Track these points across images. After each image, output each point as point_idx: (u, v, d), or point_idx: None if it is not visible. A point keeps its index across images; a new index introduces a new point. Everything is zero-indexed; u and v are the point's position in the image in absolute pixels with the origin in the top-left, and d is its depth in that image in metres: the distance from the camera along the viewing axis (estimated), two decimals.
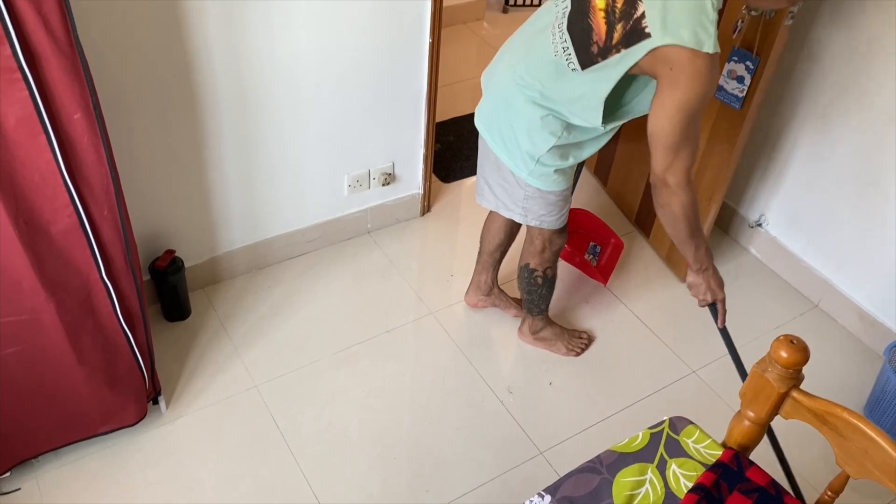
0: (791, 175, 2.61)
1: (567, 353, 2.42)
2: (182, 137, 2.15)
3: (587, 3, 1.68)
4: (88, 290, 1.75)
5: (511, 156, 1.95)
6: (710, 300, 1.95)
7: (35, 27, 1.37)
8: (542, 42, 1.79)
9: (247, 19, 2.03)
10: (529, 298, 2.32)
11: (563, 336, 2.42)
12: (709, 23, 1.56)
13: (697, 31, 1.55)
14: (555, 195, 2.00)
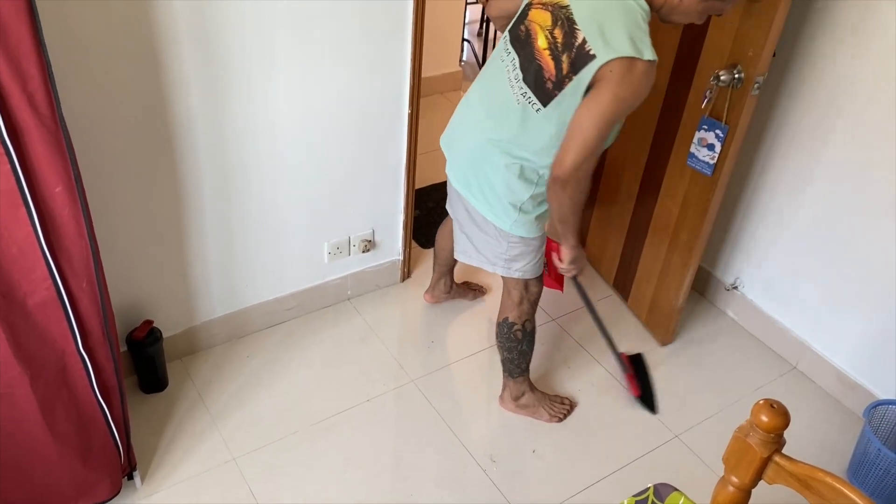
0: (764, 238, 2.66)
1: (550, 419, 2.41)
2: (162, 207, 2.16)
3: (531, 47, 1.81)
4: (64, 363, 1.73)
5: (493, 209, 2.01)
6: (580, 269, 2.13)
7: (20, 103, 1.39)
8: (501, 95, 1.89)
9: (229, 90, 2.07)
10: (510, 357, 2.32)
11: (544, 402, 2.41)
12: (643, 33, 1.71)
13: (636, 42, 1.68)
14: (537, 240, 2.09)
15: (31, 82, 1.39)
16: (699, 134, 2.27)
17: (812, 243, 2.51)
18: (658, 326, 2.72)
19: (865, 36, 2.17)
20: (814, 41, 2.30)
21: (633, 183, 2.67)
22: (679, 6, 1.78)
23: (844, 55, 2.24)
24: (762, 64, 2.07)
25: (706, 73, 2.22)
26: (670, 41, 2.35)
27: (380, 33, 2.24)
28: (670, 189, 2.49)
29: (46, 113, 1.44)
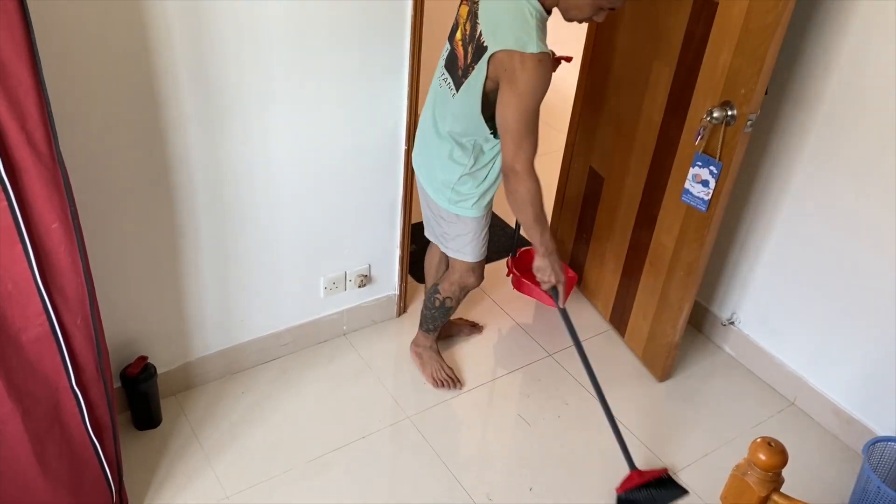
0: (760, 274, 2.67)
1: (428, 378, 2.60)
2: (158, 242, 2.16)
3: (453, 39, 2.05)
4: (57, 399, 1.72)
5: (434, 188, 2.22)
6: (555, 282, 2.16)
7: (19, 141, 1.40)
8: (435, 84, 2.15)
9: (227, 127, 2.09)
10: (425, 313, 2.57)
11: (434, 363, 2.62)
12: (530, 29, 1.84)
13: (520, 37, 1.84)
14: (473, 221, 2.22)
15: (30, 121, 1.40)
16: (693, 170, 2.29)
17: (808, 279, 2.51)
18: (655, 362, 2.71)
19: (856, 74, 2.20)
20: (805, 79, 2.33)
21: (629, 218, 2.69)
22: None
23: (836, 93, 2.27)
24: (754, 102, 2.10)
25: (699, 110, 2.24)
26: (664, 78, 2.39)
27: (377, 72, 2.27)
28: (666, 224, 2.50)
29: (45, 151, 1.45)
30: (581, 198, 2.98)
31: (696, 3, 2.21)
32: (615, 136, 2.70)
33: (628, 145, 2.61)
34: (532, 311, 2.99)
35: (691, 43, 2.26)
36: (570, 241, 3.12)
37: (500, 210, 3.36)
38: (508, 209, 2.07)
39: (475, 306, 2.97)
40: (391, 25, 2.22)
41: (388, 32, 2.23)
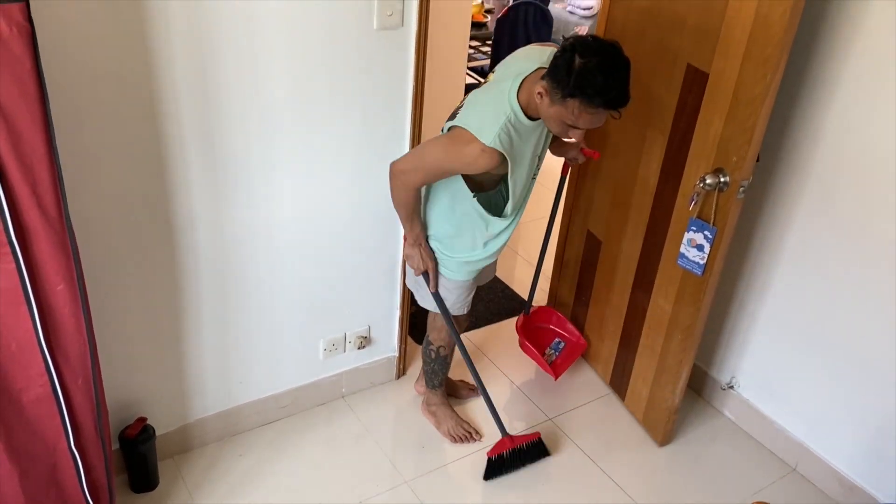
0: (758, 337, 2.68)
1: (446, 435, 2.63)
2: (160, 304, 2.19)
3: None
4: (55, 460, 1.72)
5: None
6: (424, 269, 2.29)
7: (29, 205, 1.45)
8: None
9: (230, 192, 2.14)
10: (425, 369, 2.64)
11: (450, 420, 2.65)
12: (494, 124, 1.93)
13: (482, 126, 1.93)
14: (455, 283, 2.34)
15: (41, 185, 1.46)
16: (688, 235, 2.33)
17: (806, 343, 2.52)
18: (655, 426, 2.70)
19: (844, 142, 2.26)
20: (796, 147, 2.39)
21: (627, 281, 2.72)
22: (540, 106, 1.92)
23: (825, 160, 2.32)
24: (746, 169, 2.15)
25: (693, 176, 2.30)
26: (658, 145, 2.45)
27: (378, 138, 2.34)
28: (663, 288, 2.53)
29: (54, 214, 1.50)
30: (580, 261, 3.02)
31: (687, 74, 2.29)
32: (612, 200, 2.75)
33: (625, 210, 2.66)
34: (532, 374, 2.99)
35: (684, 112, 2.33)
36: (569, 303, 3.14)
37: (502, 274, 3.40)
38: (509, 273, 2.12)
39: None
40: (393, 94, 2.29)
41: (389, 101, 2.30)
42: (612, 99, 1.81)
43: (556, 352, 2.92)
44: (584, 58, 1.78)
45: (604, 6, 2.64)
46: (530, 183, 2.22)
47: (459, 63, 4.01)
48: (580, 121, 1.86)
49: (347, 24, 2.08)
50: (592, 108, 1.82)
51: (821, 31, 2.23)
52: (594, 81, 1.77)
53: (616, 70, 1.79)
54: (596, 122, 1.88)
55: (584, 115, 1.84)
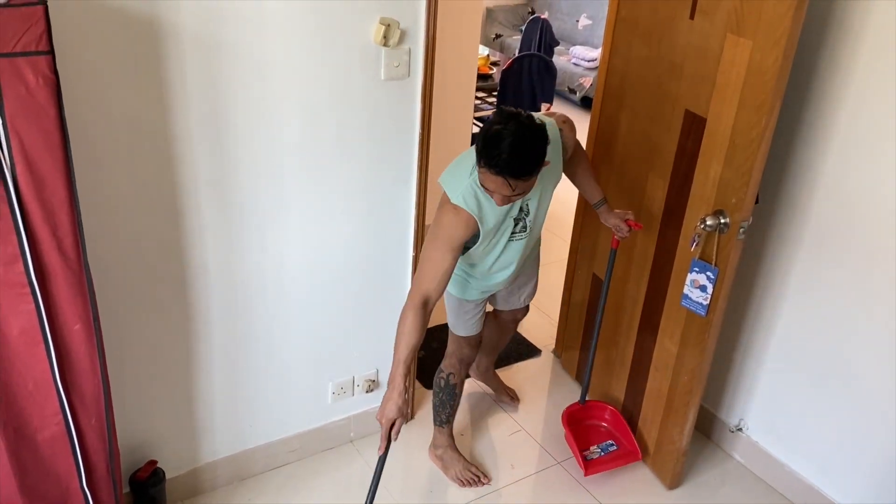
0: (764, 379, 2.69)
1: (454, 479, 2.64)
2: (171, 346, 2.23)
3: None
4: (67, 499, 1.75)
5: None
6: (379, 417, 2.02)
7: (49, 248, 1.51)
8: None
9: (242, 237, 2.20)
10: (434, 401, 2.65)
11: (458, 464, 2.66)
12: (459, 183, 2.05)
13: (451, 185, 2.07)
14: (460, 303, 2.43)
15: (62, 229, 1.51)
16: (691, 276, 2.36)
17: (813, 383, 2.53)
18: (664, 469, 2.69)
19: (842, 184, 2.30)
20: (795, 188, 2.44)
21: (633, 324, 2.74)
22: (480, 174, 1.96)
23: (824, 201, 2.36)
24: (745, 210, 2.20)
25: (693, 218, 2.34)
26: (659, 189, 2.50)
27: (385, 184, 2.40)
28: (668, 329, 2.56)
29: (73, 257, 1.55)
30: (586, 304, 3.05)
31: (686, 120, 2.36)
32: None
33: (629, 252, 2.70)
34: (541, 418, 3.00)
35: (683, 156, 2.39)
36: (576, 347, 3.16)
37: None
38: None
39: (484, 411, 2.99)
40: (400, 143, 2.37)
41: (396, 149, 2.37)
42: (494, 162, 1.85)
43: (602, 452, 2.74)
44: (494, 126, 1.87)
45: (604, 57, 2.73)
46: (516, 244, 2.25)
47: (466, 113, 4.12)
48: (485, 182, 1.93)
49: (356, 74, 2.16)
50: (485, 168, 1.89)
51: (816, 75, 2.30)
52: (489, 144, 1.86)
53: (512, 137, 1.83)
54: (496, 187, 1.91)
55: (484, 175, 1.92)
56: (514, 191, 1.90)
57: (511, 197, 1.94)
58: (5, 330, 1.54)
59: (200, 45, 1.89)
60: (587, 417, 2.87)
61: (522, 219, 2.22)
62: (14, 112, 1.40)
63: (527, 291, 2.68)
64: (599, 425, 2.86)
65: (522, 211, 2.20)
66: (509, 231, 2.21)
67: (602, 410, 2.88)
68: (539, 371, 3.22)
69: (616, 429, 2.84)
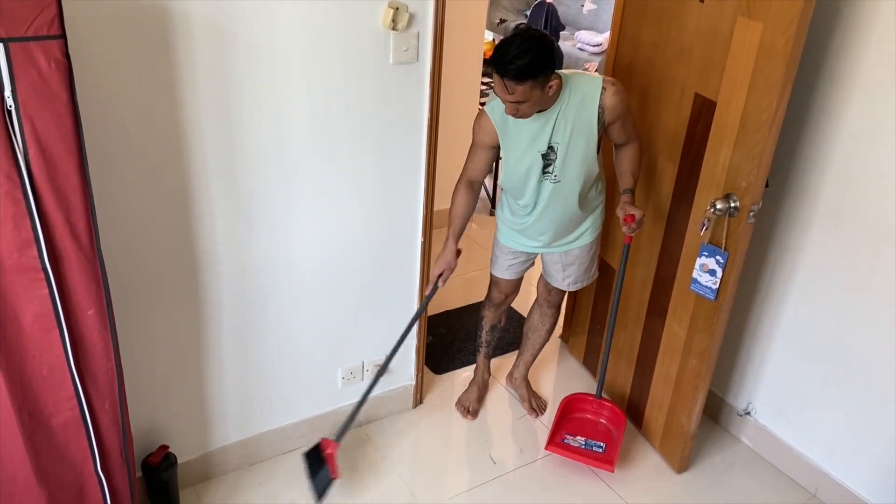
0: (773, 363, 2.69)
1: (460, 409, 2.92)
2: (184, 332, 2.24)
3: None
4: (81, 483, 1.76)
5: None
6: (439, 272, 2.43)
7: (63, 233, 1.51)
8: None
9: (252, 224, 2.20)
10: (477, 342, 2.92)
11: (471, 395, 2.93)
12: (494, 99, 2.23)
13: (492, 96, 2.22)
14: (496, 242, 2.63)
15: (75, 213, 1.52)
16: (700, 260, 2.36)
17: (822, 367, 2.53)
18: (672, 453, 2.70)
19: (852, 168, 2.30)
20: (805, 173, 2.43)
21: (641, 309, 2.74)
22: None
23: (834, 185, 2.36)
24: (755, 194, 2.19)
25: (703, 202, 2.34)
26: (668, 173, 2.50)
27: (395, 170, 2.40)
28: (677, 314, 2.56)
29: (86, 242, 1.56)
30: (594, 289, 3.05)
31: (695, 104, 2.35)
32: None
33: (637, 237, 2.69)
34: (551, 405, 3.00)
35: (693, 140, 2.38)
36: (583, 332, 3.17)
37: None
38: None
39: (494, 396, 3.00)
40: (409, 128, 2.36)
41: (405, 134, 2.37)
42: (495, 63, 2.05)
43: (585, 446, 2.67)
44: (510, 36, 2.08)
45: (612, 41, 2.71)
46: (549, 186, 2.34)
47: (472, 98, 4.10)
48: (496, 90, 2.12)
49: (364, 58, 2.16)
50: (494, 75, 2.08)
51: (826, 60, 2.29)
52: (497, 49, 2.06)
53: (517, 44, 2.03)
54: (499, 90, 2.10)
55: (496, 83, 2.10)
56: (509, 94, 2.07)
57: (512, 104, 2.10)
58: (20, 315, 1.54)
59: (210, 31, 1.89)
60: (593, 412, 2.81)
61: (551, 161, 2.29)
62: (27, 97, 1.40)
63: (572, 274, 2.62)
64: (599, 422, 2.78)
65: (552, 150, 2.27)
66: (538, 168, 2.31)
67: (610, 411, 2.78)
68: (546, 356, 3.22)
69: (616, 432, 2.73)
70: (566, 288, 2.68)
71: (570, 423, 2.77)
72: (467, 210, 2.43)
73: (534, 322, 2.86)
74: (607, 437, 2.73)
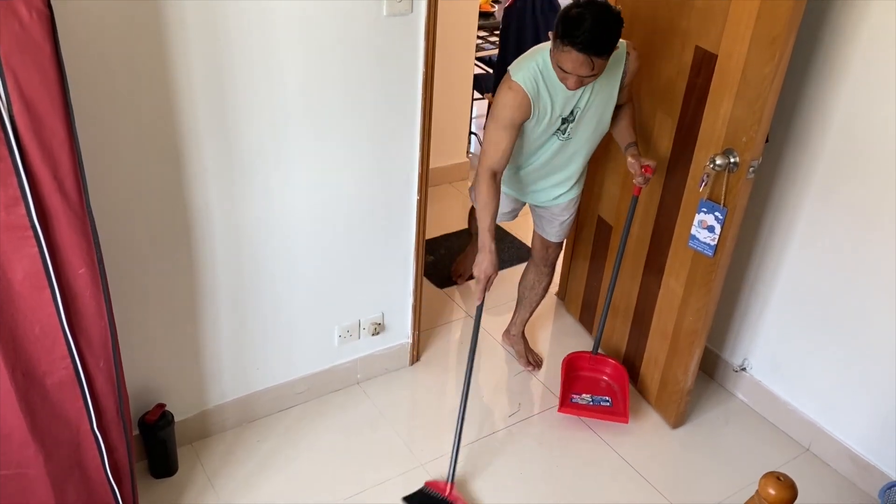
0: (769, 319, 2.69)
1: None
2: (178, 291, 2.22)
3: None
4: (78, 442, 1.75)
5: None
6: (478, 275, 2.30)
7: (50, 190, 1.48)
8: None
9: (245, 182, 2.17)
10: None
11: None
12: (529, 65, 2.18)
13: (519, 65, 2.20)
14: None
15: (62, 169, 1.48)
16: (699, 216, 2.34)
17: (818, 323, 2.53)
18: (668, 408, 2.72)
19: (854, 123, 2.26)
20: (806, 127, 2.40)
21: (638, 266, 2.73)
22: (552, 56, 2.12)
23: (836, 140, 2.33)
24: (755, 149, 2.16)
25: (703, 157, 2.31)
26: (667, 128, 2.46)
27: (390, 125, 2.36)
28: (674, 270, 2.55)
29: (75, 199, 1.53)
30: (591, 245, 3.03)
31: (696, 56, 2.30)
32: (622, 184, 2.77)
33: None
34: (547, 362, 3.01)
35: (693, 94, 2.34)
36: (580, 289, 3.16)
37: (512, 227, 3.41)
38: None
39: (490, 352, 3.01)
40: (403, 82, 2.32)
41: (400, 89, 2.32)
42: (578, 39, 1.97)
43: (593, 402, 2.72)
44: (573, 9, 2.01)
45: None
46: (554, 144, 2.35)
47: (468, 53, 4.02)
48: (563, 62, 2.05)
49: (358, 9, 2.10)
50: (567, 47, 2.00)
51: (829, 13, 2.24)
52: (571, 24, 1.99)
53: (593, 17, 1.96)
54: (575, 67, 2.03)
55: (563, 56, 2.03)
56: (592, 70, 2.02)
57: (586, 79, 2.07)
58: (9, 274, 1.52)
59: None
60: (591, 369, 2.85)
61: (568, 123, 2.31)
62: (9, 49, 1.35)
63: (556, 227, 2.69)
64: (601, 379, 2.83)
65: (572, 114, 2.29)
66: (554, 128, 2.31)
67: (607, 365, 2.84)
68: (543, 313, 3.22)
69: (617, 385, 2.79)
70: (553, 237, 2.73)
71: (574, 383, 2.79)
72: (497, 203, 2.27)
73: (529, 280, 2.86)
74: (610, 392, 2.77)
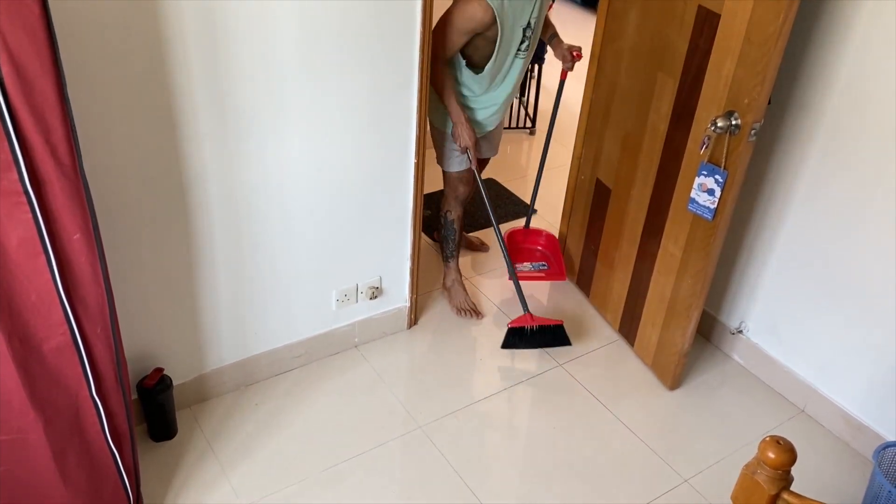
0: (767, 282, 2.69)
1: (453, 308, 3.01)
2: (175, 256, 2.21)
3: None
4: (77, 407, 1.75)
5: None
6: (463, 146, 2.65)
7: (43, 155, 1.45)
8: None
9: (241, 144, 2.13)
10: (440, 241, 3.06)
11: (461, 295, 3.01)
12: None
13: None
14: (449, 138, 2.71)
15: (55, 134, 1.45)
16: (699, 179, 2.32)
17: (815, 287, 2.53)
18: (665, 371, 2.73)
19: (858, 85, 2.24)
20: (809, 89, 2.37)
21: (636, 228, 2.72)
22: None
23: (839, 103, 2.30)
24: (758, 111, 2.13)
25: (704, 120, 2.28)
26: (668, 90, 2.43)
27: (387, 86, 2.32)
28: (672, 233, 2.53)
29: (68, 163, 1.50)
30: (589, 209, 3.02)
31: (698, 16, 2.26)
32: (621, 147, 2.74)
33: (634, 156, 2.65)
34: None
35: (695, 55, 2.30)
36: (577, 251, 3.15)
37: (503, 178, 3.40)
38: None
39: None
40: (400, 41, 2.27)
41: (397, 49, 2.28)
42: None
43: (533, 268, 3.14)
44: None
45: None
46: (515, 61, 2.56)
47: None
48: None
49: None
50: None
51: None
52: None
53: None
54: None
55: None
56: None
57: None
58: (4, 241, 1.49)
59: None
60: (526, 241, 3.27)
61: (528, 37, 2.50)
62: None
63: (494, 143, 2.99)
64: (535, 249, 3.26)
65: (529, 25, 2.49)
66: (517, 44, 2.51)
67: (540, 236, 3.28)
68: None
69: (551, 252, 3.22)
70: (489, 154, 3.00)
71: (515, 255, 3.17)
72: (453, 80, 2.55)
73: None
74: (545, 258, 3.21)
